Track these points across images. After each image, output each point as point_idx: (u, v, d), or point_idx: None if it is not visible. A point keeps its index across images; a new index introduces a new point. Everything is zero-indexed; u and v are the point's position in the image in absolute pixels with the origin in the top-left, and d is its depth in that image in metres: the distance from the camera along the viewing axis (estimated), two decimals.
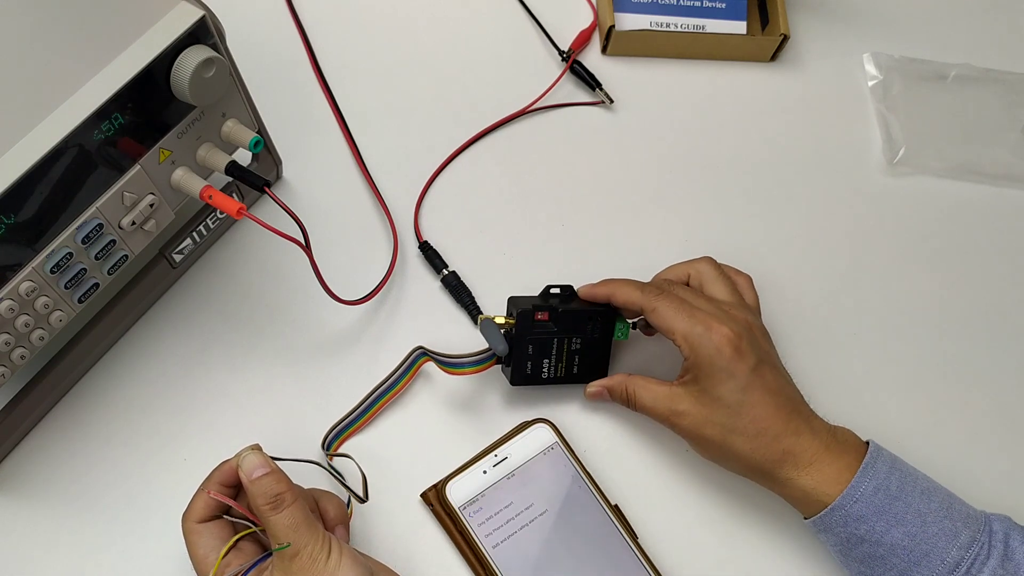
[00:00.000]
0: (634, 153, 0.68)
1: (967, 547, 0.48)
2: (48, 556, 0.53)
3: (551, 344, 0.56)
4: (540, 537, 0.53)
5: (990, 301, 0.65)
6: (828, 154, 0.69)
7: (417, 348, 0.56)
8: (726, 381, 0.50)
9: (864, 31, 0.74)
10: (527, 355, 0.56)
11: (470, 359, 0.55)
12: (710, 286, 0.55)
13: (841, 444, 0.51)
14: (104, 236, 0.47)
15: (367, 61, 0.69)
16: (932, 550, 0.48)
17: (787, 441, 0.50)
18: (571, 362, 0.57)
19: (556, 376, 0.57)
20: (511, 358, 0.56)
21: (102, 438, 0.56)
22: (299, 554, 0.43)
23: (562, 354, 0.57)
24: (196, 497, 0.47)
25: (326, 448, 0.55)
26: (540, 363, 0.56)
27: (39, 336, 0.48)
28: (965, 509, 0.50)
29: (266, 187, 0.48)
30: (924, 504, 0.49)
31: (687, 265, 0.57)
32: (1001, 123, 0.71)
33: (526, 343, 0.55)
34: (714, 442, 0.51)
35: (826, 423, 0.52)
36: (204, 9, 0.46)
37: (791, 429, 0.50)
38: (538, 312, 0.55)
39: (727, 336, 0.50)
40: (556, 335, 0.56)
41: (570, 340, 0.56)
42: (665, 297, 0.53)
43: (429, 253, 0.62)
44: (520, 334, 0.55)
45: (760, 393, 0.50)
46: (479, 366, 0.56)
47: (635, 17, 0.70)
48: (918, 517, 0.49)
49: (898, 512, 0.49)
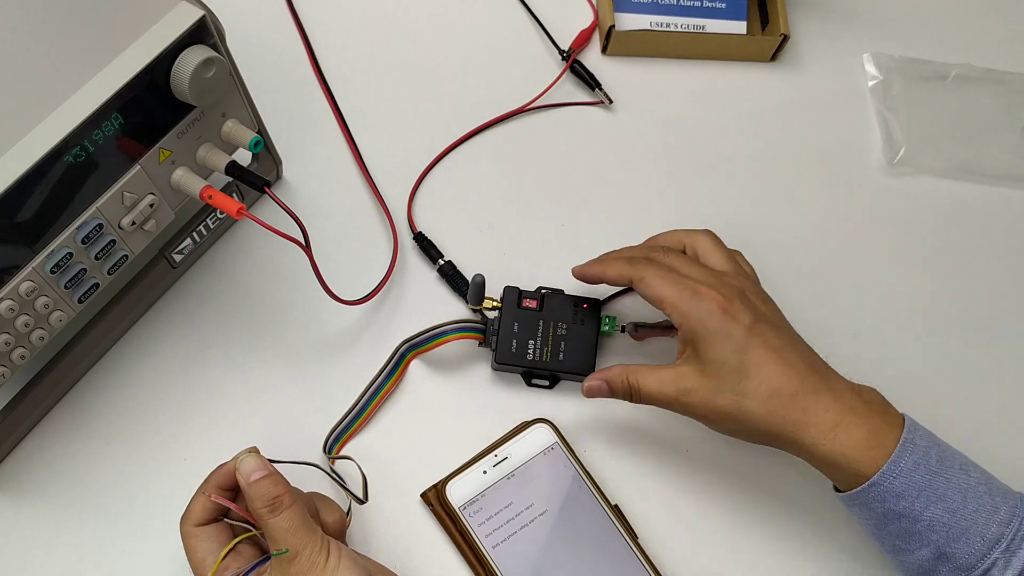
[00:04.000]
0: (633, 153, 0.68)
1: (1007, 523, 0.47)
2: (48, 556, 0.53)
3: (537, 325, 0.57)
4: (540, 537, 0.53)
5: (990, 301, 0.65)
6: (828, 154, 0.69)
7: (401, 343, 0.57)
8: (723, 343, 0.49)
9: (864, 31, 0.74)
10: (512, 333, 0.57)
11: (450, 326, 0.57)
12: (708, 257, 0.54)
13: (867, 404, 0.48)
14: (104, 236, 0.47)
15: (367, 61, 0.69)
16: (972, 526, 0.47)
17: (805, 400, 0.48)
18: (557, 347, 0.57)
19: (541, 360, 0.57)
20: (496, 338, 0.57)
21: (102, 438, 0.56)
22: (297, 557, 0.43)
23: (548, 337, 0.57)
24: (194, 500, 0.47)
25: (328, 451, 0.55)
26: (525, 343, 0.57)
27: (39, 336, 0.48)
28: (1001, 486, 0.49)
29: (266, 187, 0.48)
30: (964, 479, 0.47)
31: (685, 234, 0.56)
32: (1001, 123, 0.71)
33: (512, 320, 0.57)
34: (728, 412, 0.49)
35: (848, 382, 0.50)
36: (204, 9, 0.46)
37: (808, 387, 0.48)
38: (525, 298, 0.58)
39: (716, 299, 0.49)
40: (542, 316, 0.58)
41: (556, 324, 0.58)
42: (653, 266, 0.52)
43: (424, 243, 0.62)
44: (506, 309, 0.57)
45: (762, 351, 0.49)
46: (460, 333, 0.57)
47: (635, 17, 0.70)
48: (959, 493, 0.47)
49: (939, 488, 0.47)
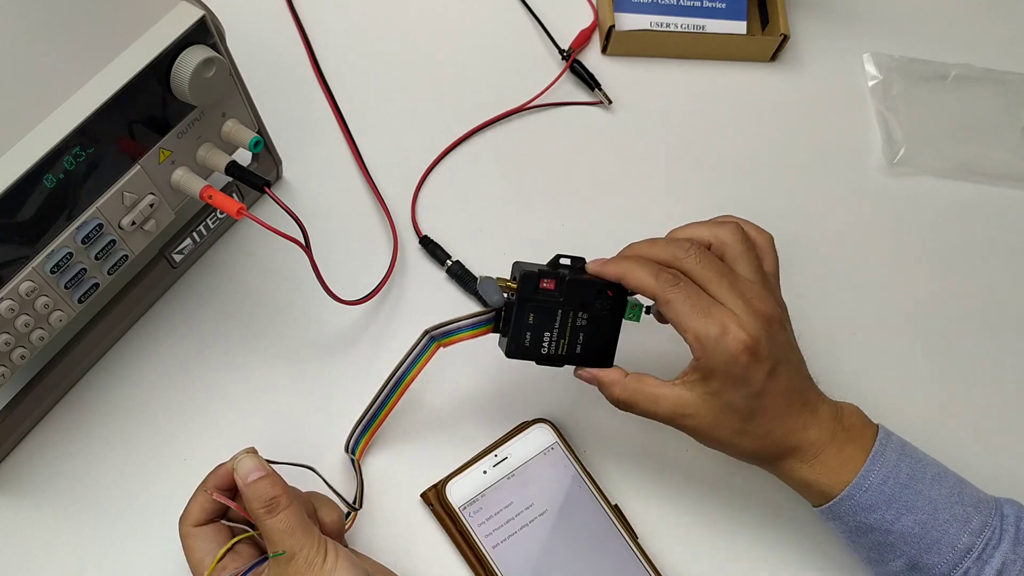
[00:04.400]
0: (633, 153, 0.68)
1: (978, 532, 0.47)
2: (48, 556, 0.53)
3: (555, 315, 0.51)
4: (540, 537, 0.53)
5: (990, 301, 0.65)
6: (828, 154, 0.69)
7: (424, 333, 0.53)
8: (739, 388, 0.47)
9: (864, 31, 0.74)
10: (527, 324, 0.51)
11: (466, 322, 0.52)
12: (735, 263, 0.51)
13: (847, 431, 0.49)
14: (104, 236, 0.47)
15: (367, 60, 0.69)
16: (943, 536, 0.47)
17: (795, 438, 0.49)
18: (575, 339, 0.52)
19: (557, 353, 0.52)
20: (509, 326, 0.51)
21: (102, 438, 0.56)
22: (295, 558, 0.43)
23: (565, 328, 0.51)
24: (193, 500, 0.47)
25: (350, 451, 0.54)
26: (540, 335, 0.51)
27: (39, 336, 0.48)
28: (976, 494, 0.49)
29: (266, 187, 0.48)
30: (935, 490, 0.48)
31: (710, 229, 0.51)
32: (1001, 123, 0.71)
33: (527, 310, 0.50)
34: (720, 442, 0.50)
35: (832, 406, 0.50)
36: (204, 9, 0.46)
37: (799, 425, 0.49)
38: (543, 279, 0.50)
39: (744, 342, 0.46)
40: (561, 306, 0.51)
41: (576, 314, 0.51)
42: (679, 289, 0.48)
43: (431, 246, 0.62)
44: (522, 298, 0.50)
45: (772, 397, 0.48)
46: (475, 330, 0.52)
47: (635, 17, 0.70)
48: (929, 504, 0.48)
49: (908, 500, 0.48)
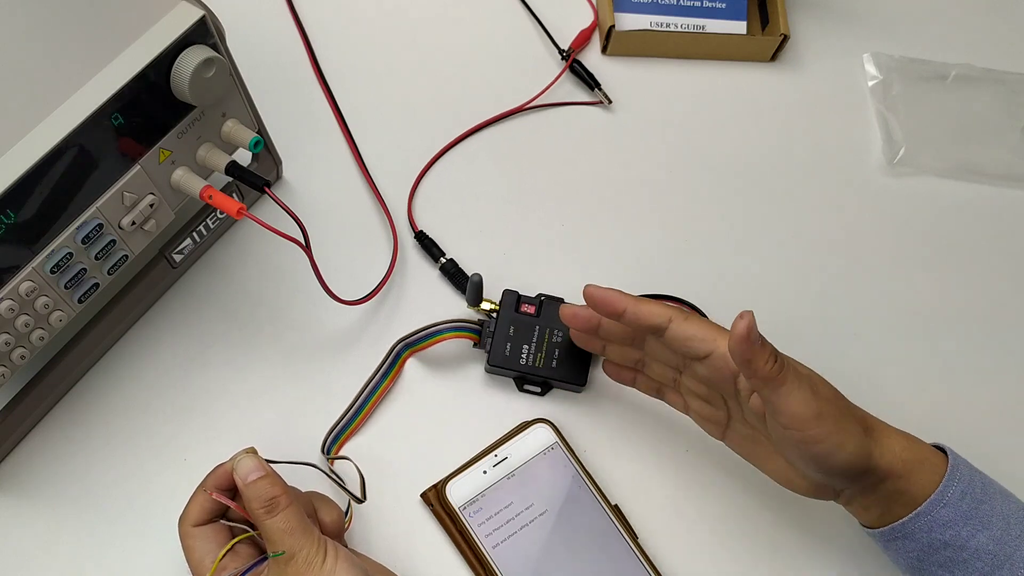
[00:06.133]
0: (633, 153, 0.68)
1: None
2: (48, 556, 0.53)
3: (533, 330, 0.58)
4: (540, 537, 0.53)
5: (990, 301, 0.65)
6: (828, 154, 0.69)
7: (397, 343, 0.57)
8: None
9: (864, 31, 0.74)
10: (507, 336, 0.57)
11: (445, 325, 0.57)
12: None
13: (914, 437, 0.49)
14: (104, 236, 0.47)
15: (367, 61, 0.69)
16: (1015, 552, 0.46)
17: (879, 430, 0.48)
18: (551, 355, 0.57)
19: (534, 365, 0.57)
20: (491, 339, 0.57)
21: (102, 438, 0.56)
22: (294, 558, 0.43)
23: (543, 343, 0.58)
24: (192, 500, 0.47)
25: (326, 452, 0.55)
26: (519, 347, 0.57)
27: (39, 336, 0.48)
28: None
29: (266, 187, 0.48)
30: (1006, 506, 0.48)
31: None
32: (1001, 123, 0.71)
33: (508, 323, 0.58)
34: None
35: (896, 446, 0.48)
36: (204, 9, 0.46)
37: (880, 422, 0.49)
38: (524, 303, 0.58)
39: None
40: (539, 323, 0.58)
41: (552, 331, 0.58)
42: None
43: (426, 242, 0.62)
44: (503, 313, 0.58)
45: None
46: (455, 332, 0.57)
47: (635, 17, 0.70)
48: (1002, 520, 0.47)
49: (983, 516, 0.47)
